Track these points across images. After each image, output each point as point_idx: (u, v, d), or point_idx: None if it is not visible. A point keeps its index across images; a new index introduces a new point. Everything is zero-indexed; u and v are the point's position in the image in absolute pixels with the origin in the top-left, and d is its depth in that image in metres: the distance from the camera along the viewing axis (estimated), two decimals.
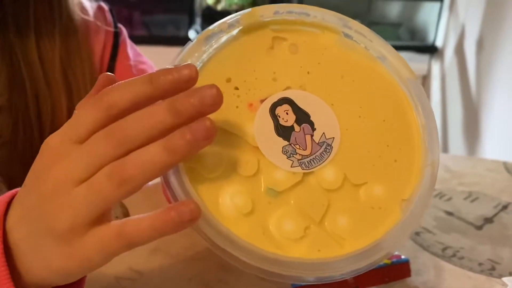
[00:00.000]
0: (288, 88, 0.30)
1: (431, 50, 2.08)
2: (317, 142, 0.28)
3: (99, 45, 0.63)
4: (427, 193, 0.27)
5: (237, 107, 0.29)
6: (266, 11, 0.31)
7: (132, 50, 0.67)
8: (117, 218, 0.60)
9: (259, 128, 0.28)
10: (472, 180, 0.76)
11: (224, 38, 0.30)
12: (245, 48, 0.31)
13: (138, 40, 1.68)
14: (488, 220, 0.65)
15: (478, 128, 1.81)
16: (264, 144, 0.28)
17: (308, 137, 0.28)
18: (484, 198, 0.71)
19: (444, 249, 0.58)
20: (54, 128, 0.57)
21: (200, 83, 0.29)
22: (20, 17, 0.54)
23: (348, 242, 0.26)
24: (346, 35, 0.32)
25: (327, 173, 0.28)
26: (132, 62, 0.66)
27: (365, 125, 0.29)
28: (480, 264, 0.55)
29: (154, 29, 2.04)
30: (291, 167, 0.27)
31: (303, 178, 0.27)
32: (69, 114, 0.58)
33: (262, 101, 0.29)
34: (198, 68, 0.29)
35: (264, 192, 0.27)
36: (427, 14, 2.15)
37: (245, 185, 0.27)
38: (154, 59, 0.72)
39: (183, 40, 1.91)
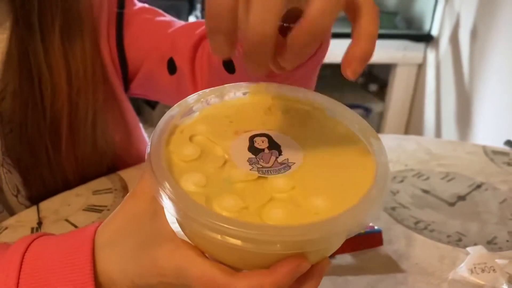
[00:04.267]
0: (271, 130, 0.38)
1: (426, 38, 2.11)
2: (279, 162, 0.35)
3: (104, 16, 0.65)
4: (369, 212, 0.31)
5: (225, 130, 0.37)
6: (270, 87, 0.40)
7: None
8: (116, 190, 0.65)
9: (236, 145, 0.36)
10: (451, 162, 0.81)
11: (234, 94, 0.40)
12: (247, 104, 0.40)
13: None
14: (461, 198, 0.70)
15: (471, 115, 1.85)
16: (235, 153, 0.35)
17: (272, 157, 0.35)
18: (460, 178, 0.76)
19: (416, 223, 0.62)
20: (54, 112, 0.60)
21: (206, 115, 0.38)
22: (27, 6, 0.56)
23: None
24: (331, 113, 0.40)
25: (278, 181, 0.33)
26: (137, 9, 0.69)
27: (326, 165, 0.36)
28: (448, 236, 0.60)
29: None
30: (250, 170, 0.34)
31: (256, 180, 0.34)
32: (69, 100, 0.60)
33: (246, 131, 0.37)
34: (207, 106, 0.39)
35: (220, 180, 0.33)
36: (423, 3, 2.17)
37: (207, 172, 0.34)
38: None
39: None
